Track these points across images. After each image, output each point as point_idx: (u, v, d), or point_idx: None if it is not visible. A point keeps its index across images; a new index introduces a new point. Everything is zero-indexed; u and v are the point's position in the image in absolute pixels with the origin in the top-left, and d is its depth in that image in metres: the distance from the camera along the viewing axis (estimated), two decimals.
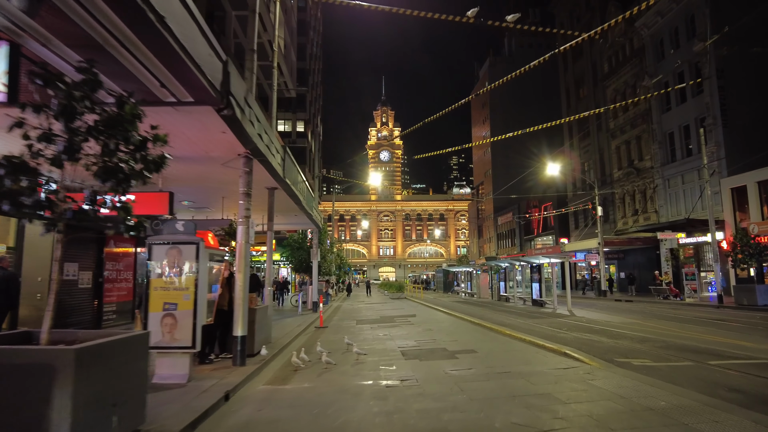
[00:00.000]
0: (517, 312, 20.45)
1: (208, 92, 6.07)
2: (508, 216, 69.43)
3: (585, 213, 46.33)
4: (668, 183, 33.82)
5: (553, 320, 16.11)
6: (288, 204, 14.46)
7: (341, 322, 18.07)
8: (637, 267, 38.47)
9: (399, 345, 11.10)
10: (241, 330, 8.42)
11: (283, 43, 42.00)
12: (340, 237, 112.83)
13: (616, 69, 40.65)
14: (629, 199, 39.33)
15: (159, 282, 7.18)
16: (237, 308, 8.49)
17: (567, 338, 11.43)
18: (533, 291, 24.68)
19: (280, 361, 9.37)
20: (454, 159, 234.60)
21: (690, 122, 31.53)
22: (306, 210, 15.84)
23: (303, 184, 14.51)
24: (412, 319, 17.78)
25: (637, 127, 37.98)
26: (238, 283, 8.55)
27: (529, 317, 17.52)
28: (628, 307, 23.26)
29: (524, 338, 11.00)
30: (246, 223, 8.70)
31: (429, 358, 9.23)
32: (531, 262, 24.54)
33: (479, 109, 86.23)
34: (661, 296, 27.80)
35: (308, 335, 14.09)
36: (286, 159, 11.31)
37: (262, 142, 8.61)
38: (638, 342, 10.56)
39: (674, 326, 13.67)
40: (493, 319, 16.89)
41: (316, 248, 22.17)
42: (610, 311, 20.21)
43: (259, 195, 12.99)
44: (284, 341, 11.96)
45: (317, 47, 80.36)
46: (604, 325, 14.44)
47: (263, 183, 11.45)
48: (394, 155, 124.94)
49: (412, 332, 13.70)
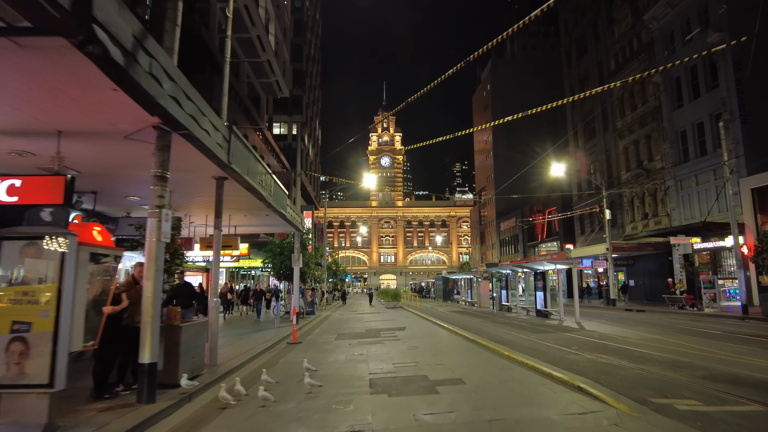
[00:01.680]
0: (519, 324, 18.28)
1: (47, 11, 4.02)
2: (510, 222, 67.24)
3: (591, 218, 44.15)
4: (681, 184, 31.63)
5: (561, 335, 13.94)
6: (250, 201, 12.40)
7: (320, 336, 15.95)
8: (647, 274, 36.23)
9: (372, 370, 8.99)
10: (148, 355, 6.33)
11: (274, 40, 40.33)
12: (340, 244, 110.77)
13: (623, 65, 38.60)
14: (638, 202, 37.13)
15: (8, 292, 5.09)
16: (144, 326, 6.40)
17: (579, 362, 9.28)
18: (537, 300, 22.50)
19: (211, 395, 7.26)
20: (457, 166, 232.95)
21: (704, 119, 29.39)
22: (276, 209, 13.78)
23: (268, 179, 12.47)
24: (400, 333, 15.64)
25: (646, 125, 35.86)
26: (146, 293, 6.46)
27: (533, 331, 15.36)
28: (642, 318, 21.06)
29: (526, 362, 8.85)
30: (158, 215, 6.63)
31: (402, 391, 7.11)
32: (535, 268, 22.39)
33: (481, 113, 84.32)
34: (676, 306, 25.56)
35: (273, 354, 11.98)
36: (234, 143, 9.26)
37: (180, 109, 6.57)
38: (671, 368, 8.38)
39: (706, 344, 11.48)
40: (491, 334, 14.73)
41: (297, 253, 20.07)
42: (623, 323, 18.01)
43: (211, 189, 11.00)
44: (235, 363, 9.87)
45: (315, 50, 78.76)
46: (621, 341, 12.26)
47: (207, 171, 9.42)
48: (395, 161, 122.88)
49: (393, 351, 11.57)
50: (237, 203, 12.90)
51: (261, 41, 34.41)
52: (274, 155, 48.61)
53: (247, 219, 16.04)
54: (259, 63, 37.02)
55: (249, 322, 20.18)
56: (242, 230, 18.89)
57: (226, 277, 28.13)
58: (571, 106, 49.06)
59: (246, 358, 10.57)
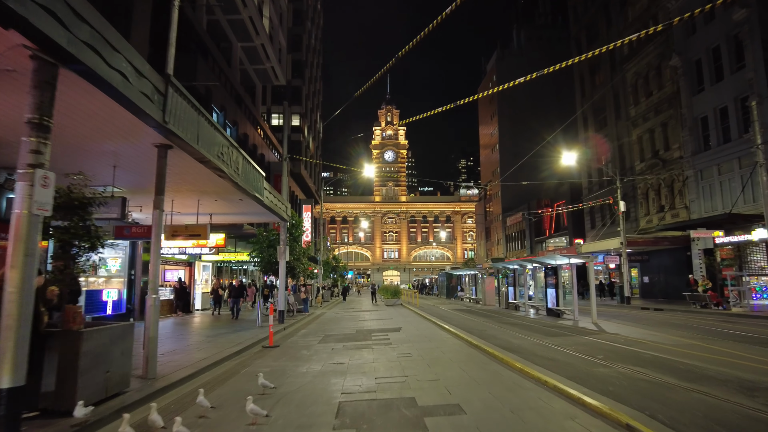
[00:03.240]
0: (529, 326, 16.27)
1: None
2: (517, 217, 65.07)
3: (602, 211, 42.01)
4: (701, 174, 29.44)
5: (580, 340, 11.94)
6: (211, 180, 10.47)
7: (303, 338, 14.03)
8: (662, 271, 34.12)
9: (347, 388, 7.05)
10: (8, 377, 4.40)
11: (268, 24, 38.37)
12: (343, 239, 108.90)
13: (638, 50, 36.36)
14: (653, 194, 34.93)
15: None
16: (5, 332, 4.47)
17: (612, 379, 7.28)
18: (548, 298, 20.49)
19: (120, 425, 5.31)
20: (462, 162, 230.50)
21: (728, 103, 27.17)
22: (247, 191, 11.84)
23: (234, 154, 10.50)
24: (394, 336, 13.70)
25: (662, 113, 33.64)
26: (9, 287, 4.52)
27: (546, 334, 13.36)
28: (664, 318, 19.02)
29: (546, 380, 6.86)
30: (30, 177, 4.68)
31: (376, 426, 5.16)
32: (545, 263, 20.37)
33: (486, 105, 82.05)
34: (698, 304, 23.48)
35: (237, 361, 10.06)
36: (174, 99, 7.32)
37: (65, 31, 4.63)
38: (740, 391, 6.34)
39: (763, 353, 9.46)
40: (498, 337, 12.74)
41: (283, 245, 18.17)
42: (646, 324, 15.98)
43: (189, 171, 9.13)
44: (182, 375, 7.94)
45: (316, 41, 76.69)
46: (654, 348, 10.24)
47: (142, 134, 7.50)
48: (399, 155, 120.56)
49: (381, 359, 9.62)
50: (197, 183, 10.97)
51: (254, 24, 32.46)
52: (271, 147, 46.76)
53: (219, 205, 14.11)
54: (254, 49, 35.16)
55: (233, 320, 18.29)
56: (220, 219, 16.98)
57: (212, 272, 26.26)
58: (581, 96, 46.84)
59: (200, 368, 8.66)
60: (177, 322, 17.92)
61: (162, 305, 20.46)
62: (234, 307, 19.03)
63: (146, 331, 7.66)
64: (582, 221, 46.63)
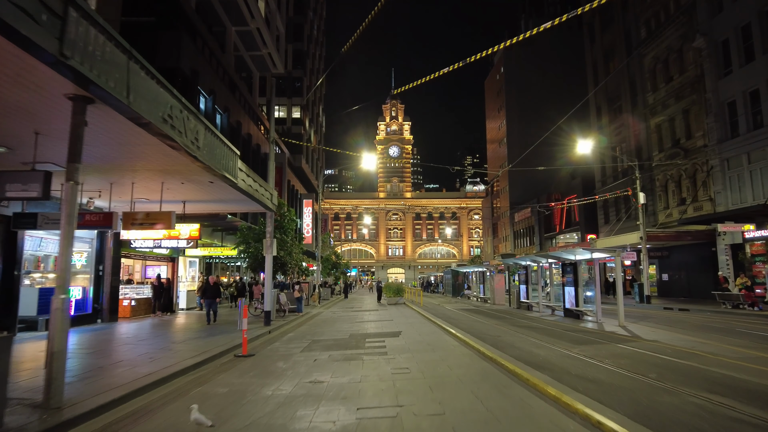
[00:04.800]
0: (548, 329, 14.22)
1: None
2: (525, 212, 62.85)
3: (616, 205, 39.79)
4: (728, 164, 27.18)
5: (615, 349, 9.88)
6: (168, 157, 8.51)
7: (286, 344, 12.05)
8: (683, 268, 31.94)
9: (314, 427, 5.05)
10: None
11: (264, 7, 36.40)
12: (347, 236, 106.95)
13: (657, 32, 34.06)
14: (674, 186, 32.66)
15: None
16: None
17: (689, 415, 5.23)
18: (565, 297, 18.42)
19: None
20: (468, 159, 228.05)
21: (759, 85, 24.91)
22: (217, 172, 9.85)
23: (188, 119, 8.50)
24: (391, 343, 11.69)
25: (684, 98, 31.35)
26: None
27: (572, 341, 11.30)
28: (698, 320, 16.90)
29: (599, 420, 4.79)
30: None
31: None
32: (563, 258, 18.29)
33: (494, 98, 79.74)
34: (729, 304, 21.36)
35: (195, 376, 8.09)
36: (80, 26, 5.33)
37: None
38: None
39: None
40: (516, 345, 10.70)
41: (269, 238, 16.19)
42: (682, 328, 13.90)
43: (130, 139, 7.21)
44: (102, 400, 5.96)
45: (319, 32, 74.65)
46: (717, 363, 8.16)
47: (48, 81, 5.53)
48: (404, 150, 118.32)
49: (371, 377, 7.61)
50: (150, 158, 8.99)
51: (249, 6, 30.54)
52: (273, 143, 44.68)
53: (189, 190, 12.12)
54: (249, 33, 33.21)
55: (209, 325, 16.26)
56: (196, 208, 15.01)
57: (200, 268, 24.34)
58: (593, 84, 44.49)
59: (135, 388, 6.68)
60: (150, 324, 15.98)
61: (139, 305, 18.57)
62: (209, 310, 15.74)
63: (50, 343, 5.68)
64: (595, 216, 44.40)
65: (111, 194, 11.52)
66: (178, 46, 21.82)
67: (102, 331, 13.71)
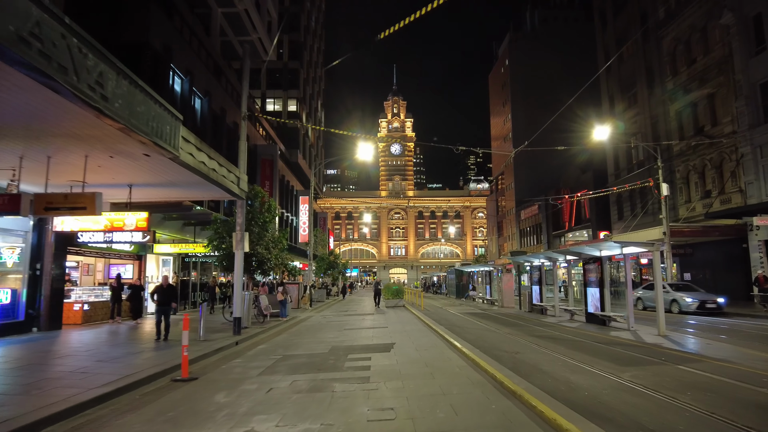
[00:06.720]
0: (576, 340, 11.63)
1: None
2: (532, 210, 60.17)
3: (632, 200, 37.14)
4: (761, 151, 24.50)
5: (678, 372, 7.31)
6: (65, 112, 6.01)
7: (247, 363, 9.51)
8: (708, 266, 29.32)
9: None
10: None
11: None
12: (348, 236, 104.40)
13: (677, 11, 31.40)
14: (697, 177, 29.98)
15: None
16: None
17: None
18: (588, 300, 15.82)
19: None
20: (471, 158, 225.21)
21: None
22: (146, 138, 7.34)
23: (95, 61, 6.02)
24: (378, 362, 9.13)
25: (709, 81, 28.66)
26: None
27: (614, 359, 8.70)
28: (747, 327, 14.29)
29: None
30: None
31: None
32: (586, 254, 15.69)
33: (498, 92, 77.12)
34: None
35: (81, 421, 5.56)
36: None
37: None
38: None
39: None
40: (542, 367, 8.11)
41: (239, 231, 13.68)
42: (744, 339, 11.32)
43: None
44: None
45: (317, 24, 72.15)
46: None
47: None
48: (406, 148, 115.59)
49: (336, 428, 5.08)
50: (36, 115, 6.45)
51: None
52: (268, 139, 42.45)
53: (126, 169, 9.59)
54: (237, 16, 30.73)
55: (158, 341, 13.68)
56: (148, 194, 12.50)
57: (176, 267, 21.82)
58: (605, 72, 41.69)
59: None
60: (95, 333, 13.44)
61: (95, 309, 16.05)
62: (159, 319, 12.07)
63: None
64: (607, 212, 41.70)
65: (20, 172, 9.00)
66: (146, 20, 19.50)
67: (25, 344, 11.19)
